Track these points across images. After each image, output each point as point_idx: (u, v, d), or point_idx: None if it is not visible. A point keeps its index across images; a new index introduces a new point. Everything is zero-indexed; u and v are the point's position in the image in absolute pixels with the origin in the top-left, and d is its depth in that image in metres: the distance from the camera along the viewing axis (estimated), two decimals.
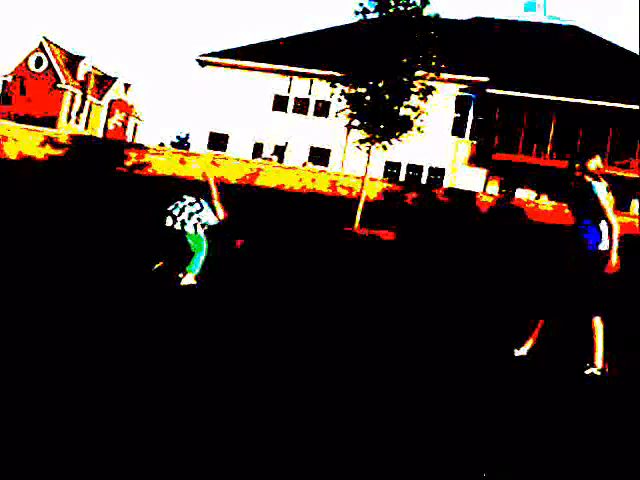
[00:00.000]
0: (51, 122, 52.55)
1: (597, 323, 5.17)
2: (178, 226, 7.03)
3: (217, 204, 7.24)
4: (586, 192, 5.22)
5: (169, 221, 7.03)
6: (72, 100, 55.34)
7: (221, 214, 7.24)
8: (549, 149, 27.32)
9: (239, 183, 22.96)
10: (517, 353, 5.41)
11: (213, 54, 31.50)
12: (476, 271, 11.19)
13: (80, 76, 56.92)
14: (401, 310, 7.18)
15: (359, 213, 15.05)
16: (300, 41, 32.33)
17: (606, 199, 5.14)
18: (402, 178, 28.98)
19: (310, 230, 13.99)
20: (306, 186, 22.69)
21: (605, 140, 26.64)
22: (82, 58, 57.27)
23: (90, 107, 57.80)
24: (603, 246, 5.18)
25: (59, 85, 53.84)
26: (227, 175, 23.34)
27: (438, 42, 15.24)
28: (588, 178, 5.25)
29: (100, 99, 59.13)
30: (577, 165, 5.29)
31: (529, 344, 5.41)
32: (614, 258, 5.05)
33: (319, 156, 30.17)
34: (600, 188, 5.16)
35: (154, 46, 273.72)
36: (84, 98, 56.59)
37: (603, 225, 5.17)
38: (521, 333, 5.45)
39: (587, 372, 5.12)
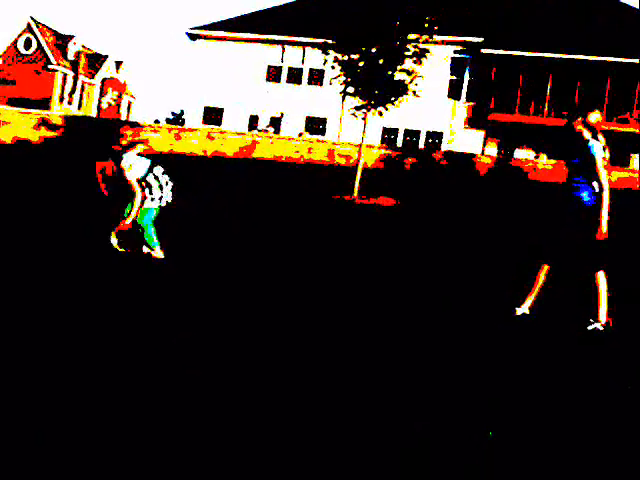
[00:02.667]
0: (44, 104, 52.12)
1: (601, 278, 5.15)
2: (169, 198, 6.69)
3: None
4: (583, 149, 5.17)
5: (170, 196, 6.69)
6: (64, 80, 54.83)
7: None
8: (546, 107, 27.10)
9: (236, 156, 22.86)
10: (519, 311, 5.42)
11: (203, 27, 31.10)
12: (478, 232, 11.19)
13: (70, 56, 56.29)
14: (405, 271, 7.20)
15: (358, 180, 14.99)
16: (291, 9, 31.88)
17: (602, 160, 5.09)
18: (400, 143, 28.82)
19: (309, 199, 13.96)
20: (303, 156, 22.58)
21: (603, 96, 26.40)
22: (71, 37, 56.55)
23: (82, 87, 57.29)
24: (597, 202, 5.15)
25: (50, 66, 53.29)
26: (224, 149, 23.22)
27: (430, 3, 15.00)
28: (587, 134, 5.18)
29: (92, 78, 58.57)
30: (580, 119, 5.21)
31: (529, 302, 5.42)
32: (604, 225, 5.03)
33: (315, 125, 29.97)
34: (597, 147, 5.10)
35: (144, 22, 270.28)
36: (76, 78, 56.06)
37: (596, 184, 5.13)
38: (523, 292, 5.46)
39: (590, 327, 5.13)
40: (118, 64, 63.83)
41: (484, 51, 27.27)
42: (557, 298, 6.01)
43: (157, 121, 69.43)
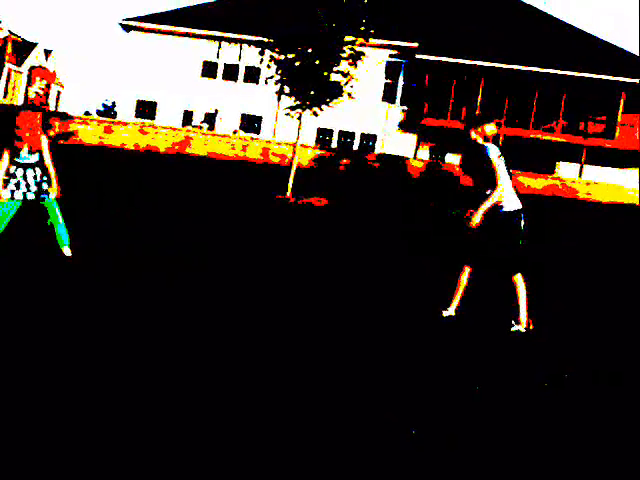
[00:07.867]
0: None
1: (518, 281, 5.34)
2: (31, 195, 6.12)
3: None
4: (481, 155, 5.34)
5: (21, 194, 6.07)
6: None
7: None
8: (477, 114, 27.80)
9: (169, 152, 22.49)
10: (445, 314, 5.54)
11: (138, 18, 30.46)
12: (407, 233, 11.37)
13: None
14: (331, 275, 7.24)
15: (291, 180, 14.98)
16: (229, 5, 31.60)
17: (498, 159, 5.28)
18: (334, 145, 29.00)
19: (242, 198, 13.87)
20: (238, 154, 22.44)
21: (531, 104, 27.29)
22: None
23: (8, 75, 55.17)
24: (509, 207, 5.36)
25: None
26: (156, 143, 22.81)
27: (367, 7, 15.12)
28: (480, 141, 5.37)
29: (19, 66, 56.46)
30: (479, 128, 5.38)
31: (455, 304, 5.55)
32: (477, 217, 5.26)
33: (250, 123, 29.82)
34: (493, 150, 5.29)
35: (76, 10, 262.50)
36: (1, 65, 53.93)
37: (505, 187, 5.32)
38: (450, 295, 5.58)
39: (513, 329, 5.31)
40: (47, 53, 61.78)
41: (418, 56, 27.75)
42: (484, 300, 6.17)
43: (88, 113, 67.61)
